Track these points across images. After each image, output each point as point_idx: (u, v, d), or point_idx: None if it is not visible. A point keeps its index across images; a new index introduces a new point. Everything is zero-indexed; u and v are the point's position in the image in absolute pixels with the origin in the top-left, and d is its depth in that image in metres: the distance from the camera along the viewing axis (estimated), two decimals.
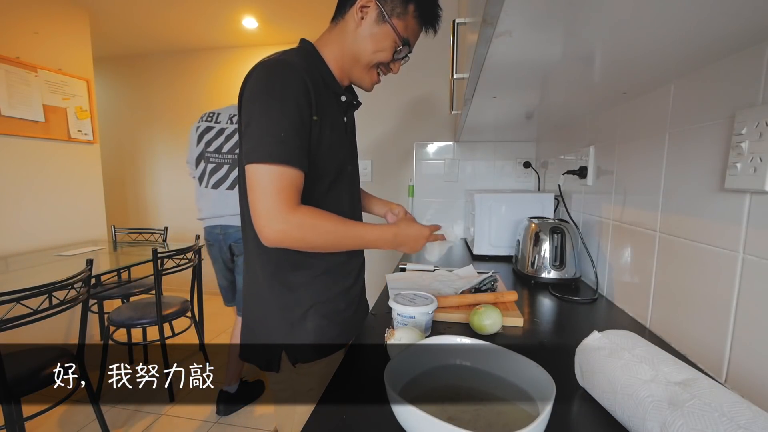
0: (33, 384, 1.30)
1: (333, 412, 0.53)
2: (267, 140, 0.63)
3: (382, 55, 0.74)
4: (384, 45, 0.73)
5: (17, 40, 2.23)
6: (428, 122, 2.04)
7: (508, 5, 0.42)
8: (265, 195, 0.63)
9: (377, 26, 0.72)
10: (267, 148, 0.63)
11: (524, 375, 0.51)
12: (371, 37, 0.72)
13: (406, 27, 0.73)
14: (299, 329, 0.75)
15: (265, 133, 0.63)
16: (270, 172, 0.63)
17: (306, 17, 2.87)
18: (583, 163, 1.18)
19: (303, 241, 0.66)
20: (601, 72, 0.70)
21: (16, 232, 2.23)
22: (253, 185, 0.64)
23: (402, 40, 0.73)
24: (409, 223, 0.81)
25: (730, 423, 0.37)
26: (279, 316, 0.75)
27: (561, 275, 1.12)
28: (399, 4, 0.71)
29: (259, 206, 0.63)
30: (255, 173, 0.64)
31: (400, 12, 0.71)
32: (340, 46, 0.75)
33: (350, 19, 0.73)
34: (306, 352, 0.75)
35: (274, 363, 0.76)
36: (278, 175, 0.63)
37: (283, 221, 0.63)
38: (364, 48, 0.73)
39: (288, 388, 0.78)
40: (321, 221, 0.67)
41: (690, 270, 0.69)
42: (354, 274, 0.85)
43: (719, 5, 0.42)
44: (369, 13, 0.71)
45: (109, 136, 3.76)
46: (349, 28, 0.73)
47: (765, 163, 0.51)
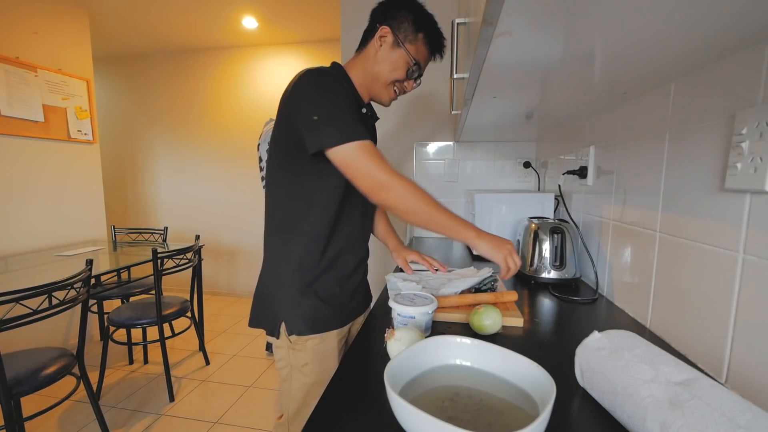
0: (33, 384, 1.30)
1: (333, 412, 0.53)
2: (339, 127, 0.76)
3: (397, 74, 0.89)
4: (399, 65, 0.88)
5: (17, 39, 2.23)
6: (428, 122, 2.04)
7: (508, 5, 0.42)
8: (366, 162, 0.76)
9: (393, 51, 0.87)
10: (344, 132, 0.75)
11: (524, 375, 0.51)
12: (388, 59, 0.88)
13: (417, 51, 0.88)
14: (297, 305, 0.86)
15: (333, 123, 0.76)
16: (358, 147, 0.76)
17: (306, 17, 2.87)
18: (583, 163, 1.18)
19: (406, 205, 0.77)
20: (601, 72, 0.70)
21: (16, 232, 2.23)
22: (350, 162, 0.76)
23: (414, 61, 0.88)
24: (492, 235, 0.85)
25: (731, 423, 0.36)
26: (285, 291, 0.87)
27: (561, 275, 1.12)
28: (411, 33, 0.86)
29: (366, 171, 0.76)
30: (345, 153, 0.76)
31: (412, 39, 0.87)
32: (363, 68, 0.91)
33: (371, 47, 0.89)
34: (300, 325, 0.85)
35: (275, 330, 0.87)
36: (366, 147, 0.76)
37: (392, 183, 0.76)
38: (383, 68, 0.89)
39: (286, 365, 0.88)
40: (419, 190, 0.78)
41: (690, 270, 0.69)
42: (353, 265, 0.94)
43: (719, 5, 0.42)
44: (386, 41, 0.87)
45: (109, 136, 3.77)
46: (370, 54, 0.89)
47: (765, 163, 0.51)
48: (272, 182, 0.89)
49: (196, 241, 2.23)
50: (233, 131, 3.54)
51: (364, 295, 1.02)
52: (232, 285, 3.74)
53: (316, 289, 0.87)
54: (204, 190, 3.67)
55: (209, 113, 3.60)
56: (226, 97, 3.55)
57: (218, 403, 1.96)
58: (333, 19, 2.87)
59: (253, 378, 2.20)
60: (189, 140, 3.67)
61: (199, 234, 2.94)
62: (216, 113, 3.58)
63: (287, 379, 0.89)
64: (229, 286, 3.76)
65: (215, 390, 2.08)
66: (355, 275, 0.95)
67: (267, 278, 0.90)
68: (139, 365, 2.34)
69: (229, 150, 3.57)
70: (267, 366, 2.34)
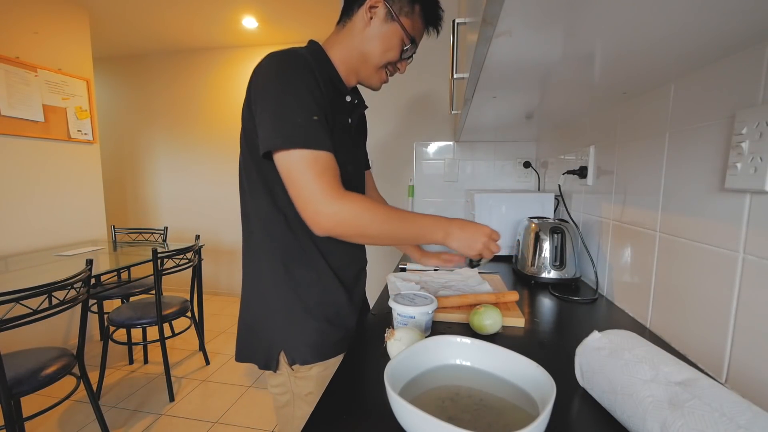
0: (33, 384, 1.30)
1: (333, 411, 0.53)
2: (287, 127, 0.62)
3: (390, 54, 0.75)
4: (393, 43, 0.74)
5: (17, 39, 2.23)
6: (428, 122, 2.04)
7: (508, 5, 0.42)
8: (307, 181, 0.61)
9: (386, 25, 0.73)
10: (290, 135, 0.62)
11: (524, 375, 0.51)
12: (380, 36, 0.74)
13: (413, 26, 0.75)
14: (299, 329, 0.75)
15: (284, 121, 0.62)
16: (301, 157, 0.62)
17: (306, 17, 2.87)
18: (583, 163, 1.18)
19: (358, 227, 0.64)
20: (601, 72, 0.70)
21: (16, 232, 2.23)
22: (290, 174, 0.63)
23: (410, 38, 0.75)
24: (468, 223, 0.75)
25: (731, 423, 0.36)
26: (281, 314, 0.75)
27: (561, 275, 1.12)
28: (406, 4, 0.73)
29: (304, 194, 0.62)
30: (287, 162, 0.63)
31: (408, 11, 0.73)
32: (348, 46, 0.76)
33: (358, 20, 0.74)
34: (304, 353, 0.74)
35: (272, 362, 0.75)
36: (312, 158, 0.62)
37: (334, 205, 0.62)
38: (374, 47, 0.74)
39: (287, 392, 0.77)
40: (373, 205, 0.65)
41: (690, 270, 0.69)
42: (354, 277, 0.84)
43: (719, 5, 0.42)
44: (377, 13, 0.73)
45: (109, 136, 3.77)
46: (357, 28, 0.74)
47: (765, 163, 0.51)
48: (249, 187, 0.75)
49: (196, 241, 2.23)
50: (233, 131, 3.54)
51: (364, 309, 0.94)
52: (232, 285, 3.74)
53: (320, 309, 0.75)
54: (204, 190, 3.67)
55: (209, 113, 3.60)
56: (227, 97, 3.55)
57: (218, 403, 1.96)
58: (333, 19, 2.86)
59: (253, 378, 2.20)
60: (189, 140, 3.67)
61: (199, 234, 2.94)
62: (216, 113, 3.58)
63: (287, 405, 0.78)
64: (229, 286, 3.76)
65: (215, 390, 2.08)
66: (358, 289, 0.86)
67: (255, 303, 0.77)
68: (139, 365, 2.34)
69: (229, 150, 3.57)
70: None
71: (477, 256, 0.74)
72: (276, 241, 0.74)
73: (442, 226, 0.72)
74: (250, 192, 0.75)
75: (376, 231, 0.65)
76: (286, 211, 0.72)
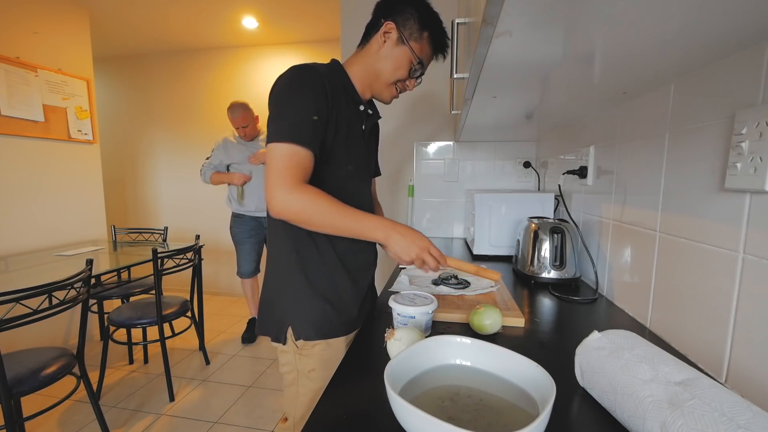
0: (33, 384, 1.30)
1: (333, 411, 0.53)
2: (283, 124, 0.74)
3: (400, 72, 0.86)
4: (402, 63, 0.85)
5: (17, 39, 2.23)
6: (428, 122, 2.04)
7: (508, 5, 0.42)
8: (276, 170, 0.73)
9: (397, 48, 0.84)
10: (282, 130, 0.73)
11: (524, 375, 0.51)
12: (391, 56, 0.85)
13: (421, 49, 0.85)
14: (305, 308, 0.83)
15: (283, 119, 0.74)
16: (282, 150, 0.73)
17: (306, 17, 2.87)
18: (583, 163, 1.18)
19: (302, 215, 0.74)
20: (601, 72, 0.70)
21: (17, 232, 2.23)
22: (268, 162, 0.74)
23: (417, 59, 0.85)
24: (410, 230, 0.79)
25: (730, 423, 0.37)
26: (291, 293, 0.84)
27: (561, 275, 1.12)
28: (416, 31, 0.83)
29: (269, 180, 0.74)
30: (270, 151, 0.74)
31: (417, 37, 0.84)
32: (364, 64, 0.87)
33: (374, 42, 0.86)
34: (308, 329, 0.83)
35: (281, 335, 0.84)
36: (289, 153, 0.73)
37: (287, 194, 0.72)
38: (386, 66, 0.86)
39: (293, 370, 0.86)
40: (320, 200, 0.74)
41: (690, 270, 0.69)
42: (361, 266, 0.91)
43: (719, 5, 0.42)
44: (390, 37, 0.84)
45: (109, 136, 3.76)
46: (373, 50, 0.86)
47: (765, 163, 0.51)
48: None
49: (196, 241, 2.23)
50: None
51: (371, 302, 0.98)
52: (232, 285, 3.74)
53: (324, 292, 0.84)
54: (204, 190, 3.66)
55: (209, 113, 3.60)
56: (227, 97, 3.54)
57: (218, 403, 1.96)
58: (333, 19, 2.87)
59: (253, 378, 2.20)
60: (189, 140, 3.67)
61: (199, 234, 2.94)
62: (216, 113, 3.58)
63: (293, 383, 0.86)
64: (229, 286, 3.75)
65: (215, 390, 2.08)
66: (364, 278, 0.92)
67: (272, 282, 0.88)
68: (139, 365, 2.34)
69: None
70: (267, 366, 2.34)
71: (410, 263, 0.78)
72: (289, 228, 0.82)
73: (385, 227, 0.77)
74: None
75: (320, 222, 0.75)
76: None
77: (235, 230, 2.57)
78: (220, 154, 2.51)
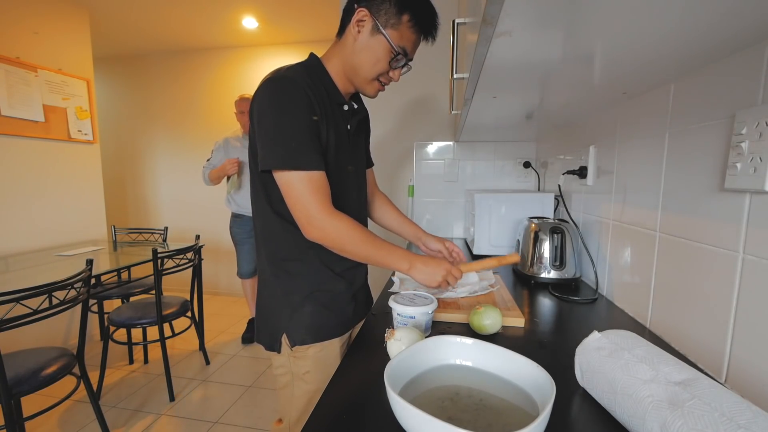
0: (33, 384, 1.30)
1: (333, 411, 0.53)
2: (286, 150, 0.71)
3: (379, 66, 0.79)
4: (380, 56, 0.77)
5: (17, 40, 2.23)
6: (428, 122, 2.04)
7: (508, 5, 0.42)
8: (302, 196, 0.72)
9: (373, 38, 0.76)
10: (291, 158, 0.71)
11: (524, 375, 0.51)
12: (367, 48, 0.77)
13: (401, 36, 0.76)
14: (298, 313, 0.82)
15: (280, 146, 0.71)
16: (299, 178, 0.72)
17: (306, 17, 2.87)
18: (583, 163, 1.18)
19: (339, 242, 0.74)
20: (601, 72, 0.70)
21: (17, 232, 2.23)
22: (289, 189, 0.73)
23: (396, 49, 0.76)
24: (430, 259, 0.81)
25: (730, 423, 0.37)
26: (282, 300, 0.83)
27: (561, 275, 1.12)
28: (393, 16, 0.75)
29: (299, 206, 0.73)
30: (286, 180, 0.73)
31: (394, 23, 0.75)
32: (342, 59, 0.81)
33: (349, 34, 0.78)
34: (302, 335, 0.81)
35: (276, 344, 0.83)
36: (308, 178, 0.72)
37: (326, 217, 0.73)
38: (363, 60, 0.78)
39: (287, 372, 0.85)
40: (354, 230, 0.75)
41: (690, 270, 0.69)
42: (350, 267, 0.89)
43: (719, 5, 0.42)
44: (365, 27, 0.76)
45: (109, 136, 3.76)
46: (348, 42, 0.79)
47: (765, 163, 0.51)
48: (253, 191, 0.85)
49: (197, 241, 2.23)
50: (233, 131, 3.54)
51: (365, 300, 0.97)
52: (232, 285, 3.74)
53: (316, 295, 0.82)
54: (204, 190, 3.66)
55: (209, 113, 3.60)
56: (227, 97, 3.54)
57: (218, 403, 1.96)
58: (333, 19, 2.87)
59: (253, 378, 2.20)
60: (189, 140, 3.66)
61: (199, 234, 2.94)
62: (216, 113, 3.58)
63: (287, 386, 0.85)
64: (229, 286, 3.75)
65: (215, 390, 2.08)
66: (355, 276, 0.90)
67: (263, 292, 0.87)
68: (139, 365, 2.34)
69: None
70: (267, 366, 2.34)
71: (437, 286, 0.80)
72: (274, 238, 0.82)
73: (409, 259, 0.79)
74: (254, 195, 0.84)
75: (353, 250, 0.76)
76: (282, 213, 0.80)
77: (235, 230, 2.56)
78: (220, 153, 2.51)
